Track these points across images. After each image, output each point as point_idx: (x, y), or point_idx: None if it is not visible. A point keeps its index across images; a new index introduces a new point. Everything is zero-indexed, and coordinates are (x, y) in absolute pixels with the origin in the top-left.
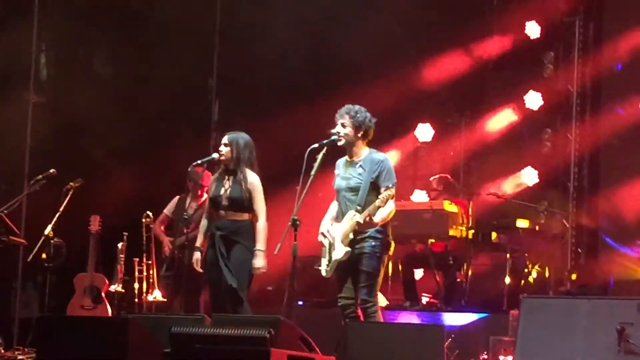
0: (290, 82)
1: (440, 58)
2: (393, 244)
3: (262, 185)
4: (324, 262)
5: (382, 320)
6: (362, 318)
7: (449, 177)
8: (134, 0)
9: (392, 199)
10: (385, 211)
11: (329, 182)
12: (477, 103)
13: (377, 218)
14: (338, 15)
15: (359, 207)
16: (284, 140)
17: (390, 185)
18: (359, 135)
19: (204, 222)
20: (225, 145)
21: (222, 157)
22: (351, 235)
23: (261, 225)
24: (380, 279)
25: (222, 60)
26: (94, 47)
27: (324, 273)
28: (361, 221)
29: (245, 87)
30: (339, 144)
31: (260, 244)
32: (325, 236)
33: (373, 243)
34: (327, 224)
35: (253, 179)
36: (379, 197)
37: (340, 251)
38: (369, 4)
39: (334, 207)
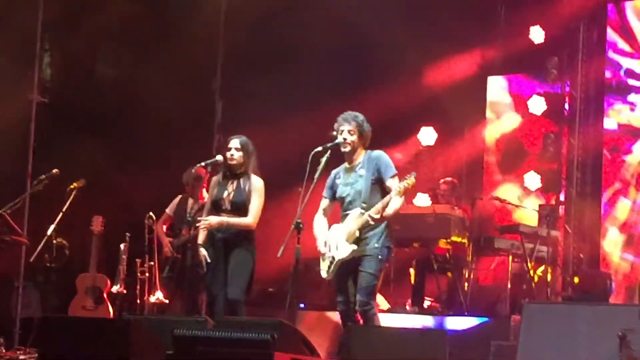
0: (294, 84)
1: (444, 62)
2: (394, 247)
3: (266, 186)
4: (325, 264)
5: (380, 323)
6: (360, 321)
7: (455, 181)
8: (137, 1)
9: (405, 191)
10: (397, 203)
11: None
12: (480, 107)
13: (389, 209)
14: (343, 19)
15: (364, 205)
16: (287, 142)
17: (392, 175)
18: (362, 142)
19: None
20: (237, 149)
21: (234, 162)
22: (357, 234)
23: (249, 220)
24: (379, 282)
25: (226, 62)
26: (97, 47)
27: (324, 275)
28: (375, 216)
29: (249, 89)
30: (344, 150)
31: (231, 220)
32: (326, 244)
33: (375, 245)
34: (325, 231)
35: (257, 183)
36: (396, 186)
37: (345, 250)
38: (374, 8)
39: (320, 224)
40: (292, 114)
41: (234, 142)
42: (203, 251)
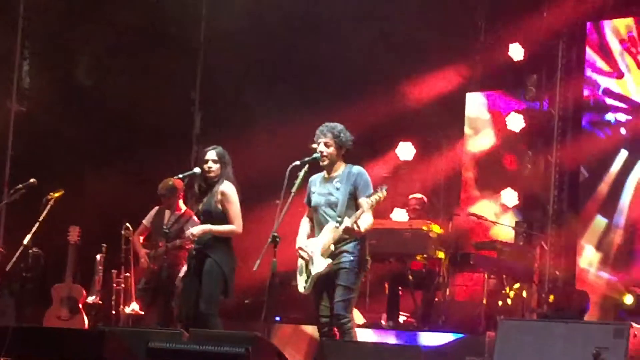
0: (273, 96)
1: (423, 77)
2: (370, 261)
3: (242, 199)
4: (302, 279)
5: (357, 337)
6: (337, 334)
7: (424, 198)
8: (117, 10)
9: (376, 204)
10: (369, 218)
11: None
12: (459, 123)
13: (362, 224)
14: (322, 31)
15: (339, 219)
16: (265, 154)
17: (368, 195)
18: (341, 154)
19: None
20: (214, 161)
21: (212, 174)
22: (332, 247)
23: (232, 227)
24: (356, 295)
25: (205, 73)
26: (76, 56)
27: (302, 290)
28: (350, 225)
29: (227, 101)
30: (322, 164)
31: (214, 227)
32: (303, 251)
33: (351, 258)
34: (303, 240)
35: (225, 188)
36: (366, 201)
37: (321, 264)
38: (353, 21)
39: (306, 224)
40: (271, 126)
41: (211, 154)
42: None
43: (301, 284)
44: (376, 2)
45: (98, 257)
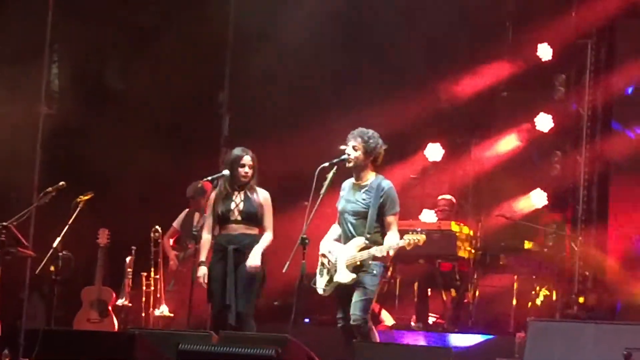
0: (302, 98)
1: (452, 79)
2: (390, 268)
3: (272, 200)
4: (322, 280)
5: (377, 338)
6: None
7: (453, 199)
8: (145, 14)
9: (414, 245)
10: (396, 240)
11: (337, 201)
12: (487, 124)
13: (392, 251)
14: (351, 33)
15: (368, 235)
16: (294, 156)
17: (394, 213)
18: (368, 160)
19: (206, 237)
20: (250, 166)
21: (247, 178)
22: (358, 263)
23: (269, 236)
24: (374, 298)
25: (233, 75)
26: (105, 59)
27: (321, 292)
28: (379, 255)
29: (256, 103)
30: (347, 165)
31: (261, 246)
32: (325, 256)
33: (377, 262)
34: (328, 244)
35: (266, 194)
36: (407, 238)
37: (345, 276)
38: (381, 24)
39: (335, 230)
40: (299, 129)
41: (247, 159)
42: (204, 269)
43: (321, 285)
44: (406, 5)
45: (127, 259)
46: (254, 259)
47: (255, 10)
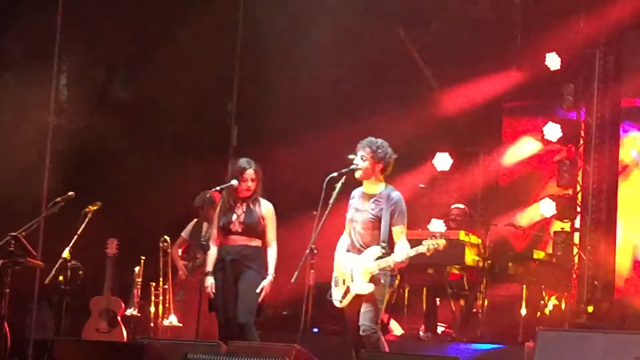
0: (310, 108)
1: (460, 88)
2: (398, 277)
3: (278, 211)
4: (338, 292)
5: (386, 348)
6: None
7: (466, 208)
8: (154, 24)
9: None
10: (406, 248)
11: (346, 211)
12: (495, 133)
13: (407, 259)
14: (361, 42)
15: (383, 244)
16: (302, 166)
17: (403, 224)
18: (377, 170)
19: (213, 248)
20: (253, 180)
21: (250, 192)
22: (375, 272)
23: (274, 251)
24: (383, 307)
25: (242, 85)
26: (114, 69)
27: (338, 304)
28: (398, 260)
29: (264, 113)
30: (356, 175)
31: (273, 269)
32: (341, 268)
33: (387, 273)
34: (342, 255)
35: (269, 206)
36: (427, 244)
37: (363, 286)
38: (388, 33)
39: (345, 240)
40: (307, 138)
41: (250, 173)
42: (211, 279)
43: (337, 297)
44: (413, 14)
45: (136, 269)
46: (266, 283)
47: (264, 20)
